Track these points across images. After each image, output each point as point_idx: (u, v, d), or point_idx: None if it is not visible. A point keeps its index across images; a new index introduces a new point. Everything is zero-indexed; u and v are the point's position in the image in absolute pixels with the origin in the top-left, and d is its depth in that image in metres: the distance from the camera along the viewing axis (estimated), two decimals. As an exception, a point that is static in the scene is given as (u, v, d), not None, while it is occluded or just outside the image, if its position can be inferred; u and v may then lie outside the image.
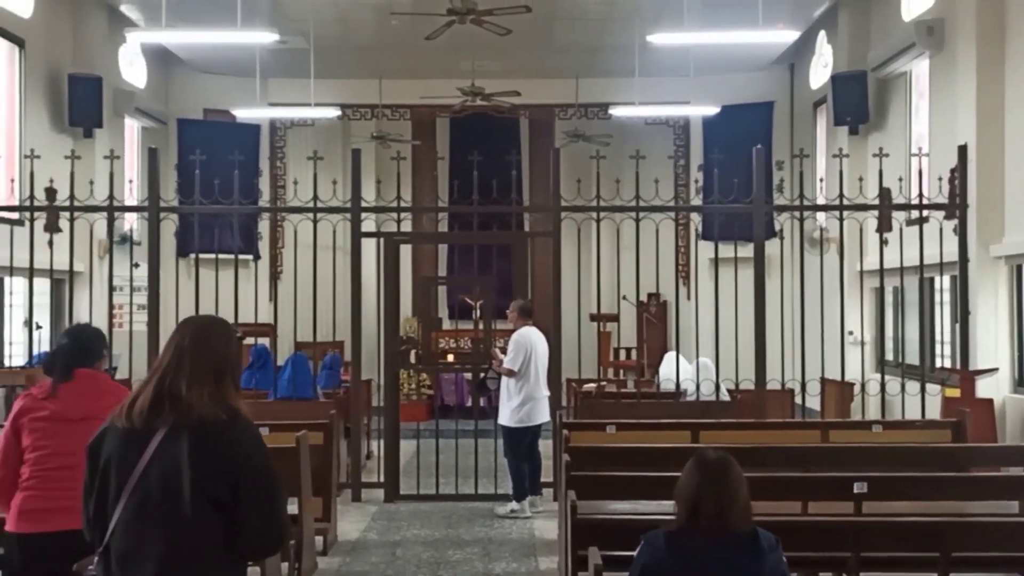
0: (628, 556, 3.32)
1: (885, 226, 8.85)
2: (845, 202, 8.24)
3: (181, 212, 8.80)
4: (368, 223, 8.67)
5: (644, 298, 12.06)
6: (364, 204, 8.51)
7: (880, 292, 9.27)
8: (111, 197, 8.24)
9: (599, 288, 8.75)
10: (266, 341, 10.64)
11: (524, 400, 7.70)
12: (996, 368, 8.08)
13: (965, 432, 6.29)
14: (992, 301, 8.34)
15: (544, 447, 8.08)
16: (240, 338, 2.76)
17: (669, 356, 9.05)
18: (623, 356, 14.37)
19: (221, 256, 8.51)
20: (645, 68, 12.53)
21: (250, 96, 12.65)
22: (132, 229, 11.84)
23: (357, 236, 8.44)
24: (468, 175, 8.23)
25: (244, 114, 13.35)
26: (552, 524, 7.13)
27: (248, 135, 13.83)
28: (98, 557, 2.51)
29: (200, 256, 9.92)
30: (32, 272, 8.27)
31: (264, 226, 14.46)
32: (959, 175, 8.26)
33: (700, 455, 3.03)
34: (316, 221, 8.41)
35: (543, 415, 7.82)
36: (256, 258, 14.04)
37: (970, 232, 8.25)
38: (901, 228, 8.27)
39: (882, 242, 8.45)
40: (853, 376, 8.80)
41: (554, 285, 8.39)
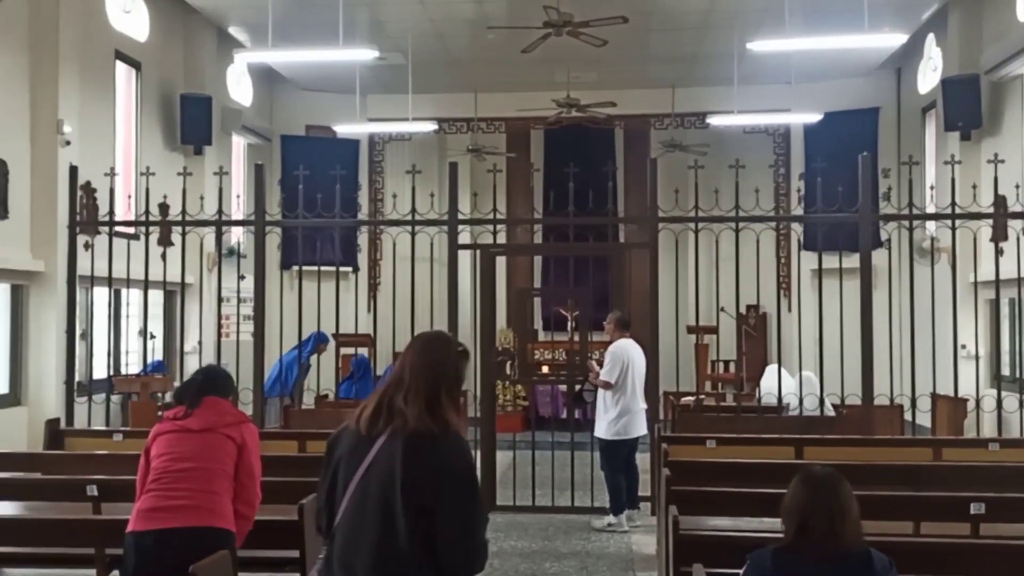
0: (732, 574, 3.24)
1: (1000, 235, 8.47)
2: (957, 210, 7.92)
3: (285, 226, 9.06)
4: (464, 235, 8.76)
5: (743, 310, 11.83)
6: (460, 217, 8.61)
7: (995, 304, 8.87)
8: (220, 212, 8.54)
9: (697, 300, 8.62)
10: (365, 351, 10.88)
11: (621, 413, 7.64)
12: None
13: (1091, 452, 5.95)
14: (1119, 313, 7.88)
15: (641, 460, 8.00)
16: (463, 352, 2.82)
17: (771, 369, 8.84)
18: (721, 369, 14.13)
19: (323, 268, 8.71)
20: (744, 76, 12.33)
21: (350, 112, 12.97)
22: (239, 242, 12.26)
23: (454, 248, 8.53)
24: (563, 186, 8.23)
25: (344, 130, 13.69)
26: (650, 539, 7.04)
27: (348, 150, 14.18)
28: (326, 540, 2.75)
29: (303, 268, 10.19)
30: (147, 284, 8.64)
31: (363, 239, 14.78)
32: (1080, 181, 7.84)
33: (808, 471, 2.95)
34: (414, 234, 8.54)
35: (640, 428, 7.74)
36: (356, 270, 14.40)
37: (1092, 241, 7.81)
38: (1018, 237, 7.89)
39: (997, 252, 8.08)
40: (966, 392, 8.42)
41: (651, 297, 8.30)
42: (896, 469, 5.26)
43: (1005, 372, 9.98)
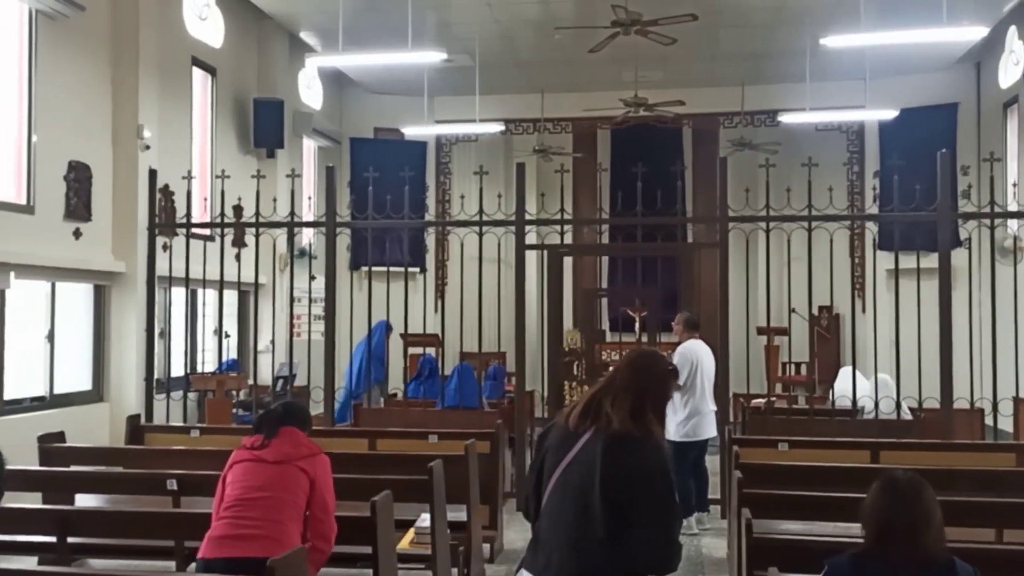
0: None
1: (1088, 233, 8.16)
2: (1041, 208, 7.65)
3: (355, 227, 9.19)
4: (531, 236, 8.77)
5: (816, 311, 11.61)
6: (527, 217, 8.62)
7: (1082, 305, 8.52)
8: (292, 213, 8.70)
9: (768, 301, 8.48)
10: (432, 351, 10.97)
11: (690, 414, 7.57)
12: None
13: None
14: None
15: (711, 463, 7.90)
16: (672, 370, 3.06)
17: (845, 371, 8.65)
18: (792, 371, 13.88)
19: (391, 269, 8.80)
20: (816, 72, 12.10)
21: (418, 114, 13.10)
22: (310, 243, 12.49)
23: (521, 249, 8.54)
24: (631, 186, 8.18)
25: (412, 132, 13.84)
26: (720, 542, 6.95)
27: (415, 152, 14.34)
28: (533, 524, 2.98)
29: (372, 269, 10.31)
30: (222, 284, 8.86)
31: (431, 239, 14.92)
32: None
33: (889, 475, 2.87)
34: (481, 234, 8.58)
35: (709, 430, 7.65)
36: (423, 271, 14.54)
37: None
38: (1107, 235, 7.59)
39: (1084, 251, 7.78)
40: (1052, 396, 8.12)
41: (721, 298, 8.20)
42: (977, 474, 5.10)
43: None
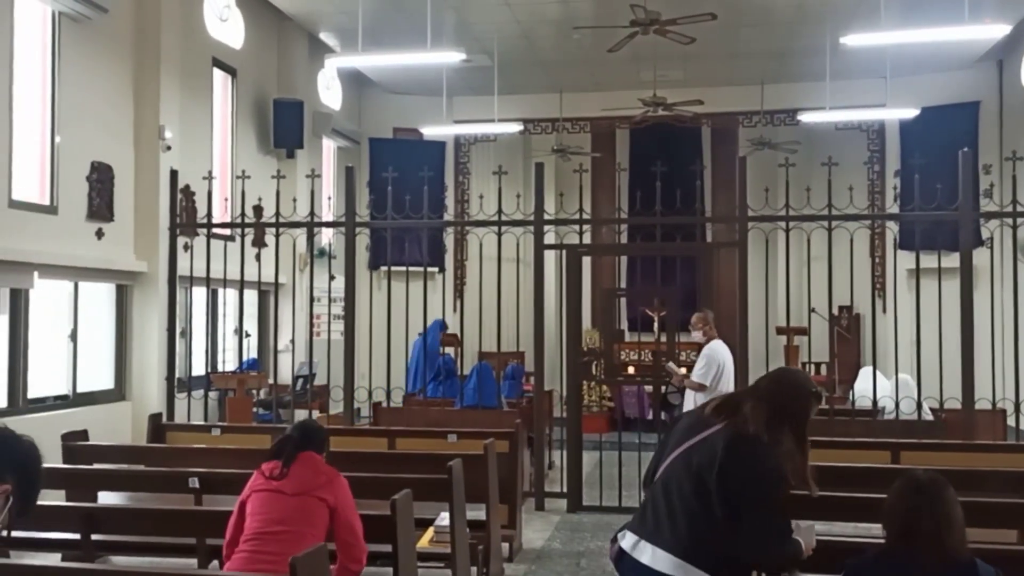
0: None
1: (1112, 233, 8.07)
2: (1065, 207, 7.57)
3: (374, 227, 9.22)
4: (550, 235, 8.77)
5: (836, 311, 11.54)
6: (546, 217, 8.62)
7: (1106, 305, 8.43)
8: (311, 213, 8.75)
9: (788, 301, 8.46)
10: (451, 351, 10.99)
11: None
12: None
13: None
14: None
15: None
16: (816, 394, 3.18)
17: (865, 371, 8.61)
18: (812, 371, 13.81)
19: (410, 268, 8.83)
20: (836, 71, 12.03)
21: (436, 114, 13.13)
22: (329, 243, 12.55)
23: (539, 248, 8.55)
24: (649, 186, 8.16)
25: (431, 131, 13.87)
26: (739, 542, 6.93)
27: (434, 151, 14.37)
28: (645, 490, 3.25)
29: (391, 268, 10.36)
30: (242, 284, 8.91)
31: (449, 239, 14.95)
32: None
33: (911, 474, 2.89)
34: (500, 234, 8.59)
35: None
36: (442, 270, 14.57)
37: None
38: None
39: (1108, 250, 7.69)
40: (1075, 397, 8.03)
41: (740, 297, 8.17)
42: (1000, 475, 5.06)
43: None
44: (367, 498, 4.64)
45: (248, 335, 10.67)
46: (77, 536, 4.60)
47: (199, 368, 10.02)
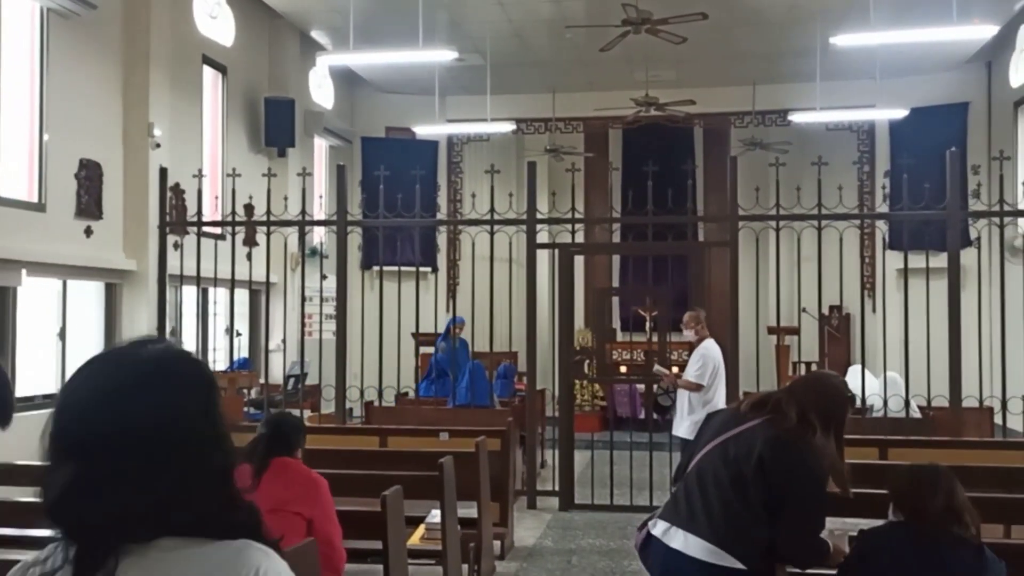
0: (818, 574, 3.23)
1: (1099, 232, 8.13)
2: (1052, 207, 7.63)
3: (366, 226, 9.22)
4: (543, 235, 8.79)
5: (826, 311, 11.58)
6: (539, 216, 8.63)
7: (1093, 304, 8.49)
8: (303, 212, 8.74)
9: (778, 300, 8.48)
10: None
11: (702, 424, 7.57)
12: None
13: None
14: None
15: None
16: (852, 398, 3.34)
17: (854, 370, 8.64)
18: (803, 370, 13.85)
19: (402, 268, 8.83)
20: (827, 72, 12.08)
21: (429, 113, 13.13)
22: (321, 243, 12.54)
23: (532, 247, 8.56)
24: (642, 185, 8.19)
25: (423, 131, 13.86)
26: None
27: (427, 151, 14.37)
28: (674, 486, 3.36)
29: (383, 268, 10.36)
30: (233, 283, 8.90)
31: (442, 239, 14.95)
32: None
33: (916, 465, 3.10)
34: (492, 233, 8.60)
35: (723, 429, 7.66)
36: (435, 270, 14.57)
37: None
38: (1118, 234, 7.56)
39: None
40: (1062, 395, 8.09)
41: (731, 297, 8.20)
42: (987, 471, 5.10)
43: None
44: (357, 496, 4.65)
45: (239, 334, 10.66)
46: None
47: (190, 367, 9.99)
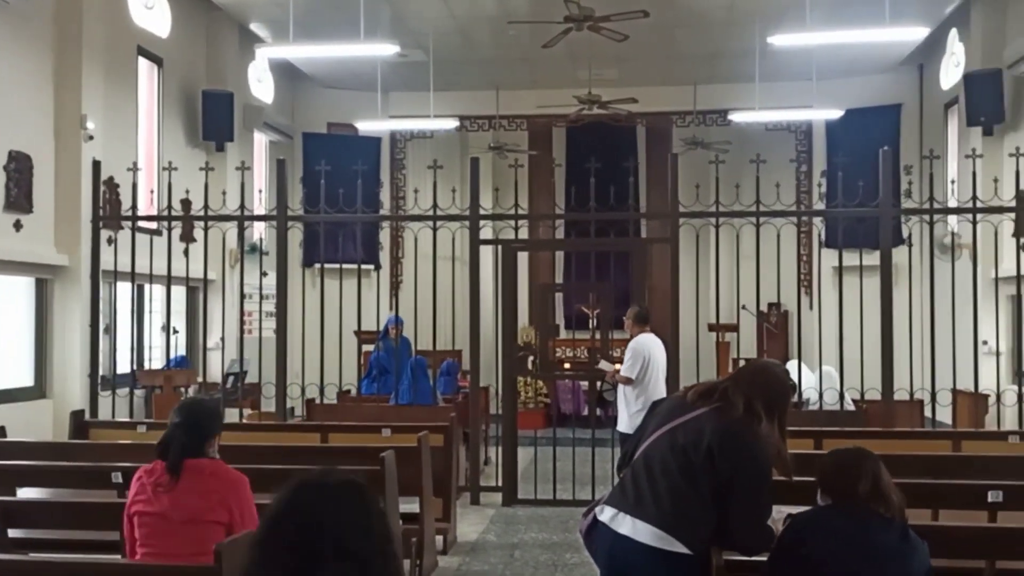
0: (750, 562, 3.27)
1: (1022, 230, 8.40)
2: (978, 204, 7.87)
3: (307, 220, 9.13)
4: (486, 231, 8.80)
5: (764, 308, 11.77)
6: (482, 212, 8.63)
7: (1017, 300, 8.78)
8: (242, 207, 8.61)
9: (718, 297, 8.61)
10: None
11: (643, 407, 7.64)
12: None
13: (1115, 446, 5.89)
14: None
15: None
16: (794, 386, 3.44)
17: (791, 365, 8.80)
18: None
19: (344, 266, 8.75)
20: (766, 73, 12.29)
21: (372, 109, 13.04)
22: (261, 239, 12.36)
23: (475, 243, 8.56)
24: (585, 183, 8.25)
25: (366, 127, 13.75)
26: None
27: (369, 147, 14.24)
28: (620, 473, 3.39)
29: (325, 266, 10.24)
30: (169, 280, 8.74)
31: (385, 236, 14.85)
32: (1105, 175, 7.77)
33: (841, 449, 3.15)
34: (436, 229, 8.58)
35: (661, 422, 7.74)
36: (378, 268, 14.46)
37: (1118, 235, 7.75)
38: (1041, 232, 7.83)
39: (1019, 247, 8.02)
40: (987, 387, 8.36)
41: (672, 292, 8.30)
42: (916, 460, 5.24)
43: (1028, 369, 9.89)
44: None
45: (176, 332, 10.44)
46: (-7, 533, 4.45)
47: (124, 365, 9.78)
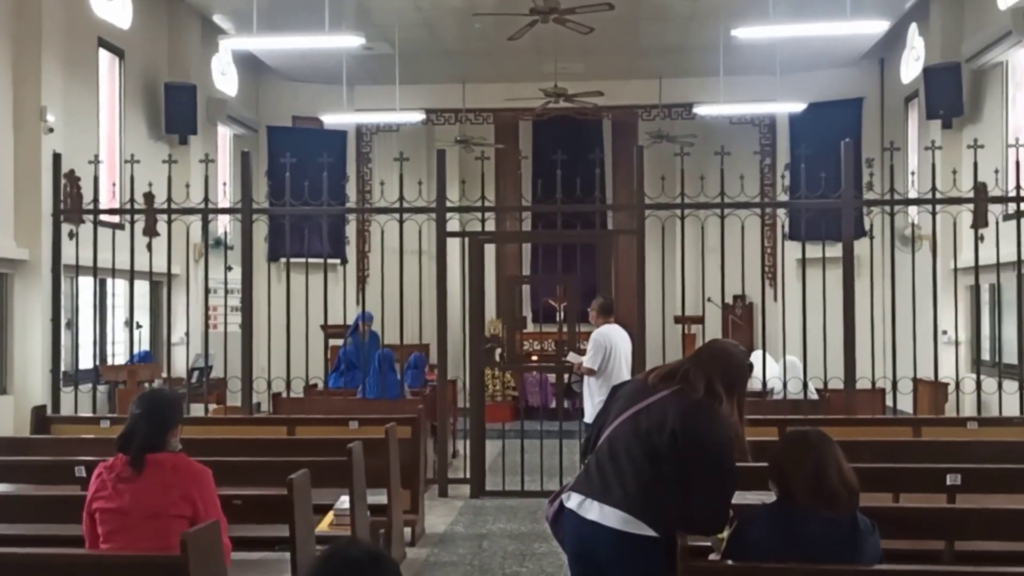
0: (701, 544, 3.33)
1: (980, 221, 8.57)
2: (938, 196, 8.00)
3: (273, 213, 9.06)
4: (453, 223, 8.79)
5: (730, 300, 11.89)
6: (448, 204, 8.63)
7: (975, 290, 8.94)
8: (206, 200, 8.53)
9: (683, 290, 8.68)
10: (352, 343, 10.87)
11: (607, 397, 7.69)
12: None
13: (1069, 430, 6.03)
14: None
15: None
16: (751, 365, 3.43)
17: (755, 355, 8.89)
18: (708, 359, 14.20)
19: (310, 260, 8.70)
20: (730, 67, 12.39)
21: (337, 103, 12.96)
22: (226, 233, 12.24)
23: (442, 236, 8.55)
24: (551, 175, 8.27)
25: (331, 120, 13.66)
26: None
27: (335, 141, 14.16)
28: (583, 462, 3.41)
29: (291, 261, 10.18)
30: (132, 274, 8.63)
31: (351, 230, 14.78)
32: (1059, 166, 7.93)
33: (792, 434, 3.09)
34: (402, 221, 8.56)
35: (626, 412, 7.78)
36: (344, 262, 14.39)
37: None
38: (997, 223, 7.98)
39: (977, 238, 8.17)
40: (947, 376, 8.52)
41: (638, 283, 8.35)
42: (877, 445, 5.33)
43: (985, 357, 10.09)
44: (262, 485, 4.57)
45: (140, 326, 10.34)
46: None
47: (87, 361, 9.66)
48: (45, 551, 3.73)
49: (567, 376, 8.59)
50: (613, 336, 7.80)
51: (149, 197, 8.96)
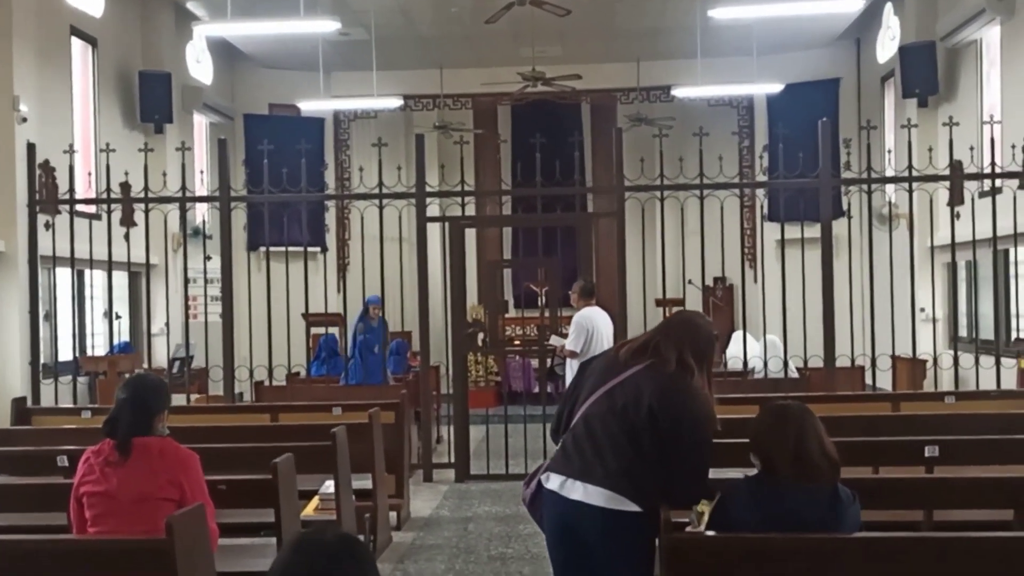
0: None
1: (956, 199, 8.65)
2: (914, 173, 8.06)
3: (251, 201, 9.01)
4: (433, 208, 8.77)
5: (710, 282, 11.94)
6: (428, 189, 8.61)
7: (952, 267, 9.05)
8: (183, 188, 8.48)
9: (664, 272, 8.71)
10: (336, 331, 10.86)
11: (577, 373, 7.72)
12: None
13: (1044, 402, 6.12)
14: (1071, 272, 8.09)
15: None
16: (717, 335, 3.46)
17: (736, 335, 8.99)
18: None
19: (290, 249, 8.66)
20: (707, 49, 12.40)
21: (314, 90, 12.87)
22: (204, 221, 12.16)
23: (422, 221, 8.54)
24: (531, 159, 8.27)
25: (309, 107, 13.57)
26: (620, 501, 7.14)
27: (313, 128, 14.07)
28: (557, 440, 3.38)
29: (270, 249, 10.12)
30: (110, 265, 8.56)
31: (331, 218, 14.71)
32: (1033, 142, 8.01)
33: (777, 404, 3.13)
34: (382, 207, 8.53)
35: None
36: (324, 250, 14.33)
37: (1046, 201, 8.00)
38: (973, 200, 8.06)
39: (953, 216, 8.24)
40: (925, 353, 8.60)
41: (619, 266, 8.38)
42: (857, 420, 5.40)
43: (962, 334, 10.20)
44: (246, 472, 4.57)
45: (119, 317, 10.26)
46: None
47: (66, 353, 9.59)
48: (31, 537, 3.71)
49: (550, 359, 8.61)
50: (595, 318, 7.82)
51: (125, 187, 8.89)
